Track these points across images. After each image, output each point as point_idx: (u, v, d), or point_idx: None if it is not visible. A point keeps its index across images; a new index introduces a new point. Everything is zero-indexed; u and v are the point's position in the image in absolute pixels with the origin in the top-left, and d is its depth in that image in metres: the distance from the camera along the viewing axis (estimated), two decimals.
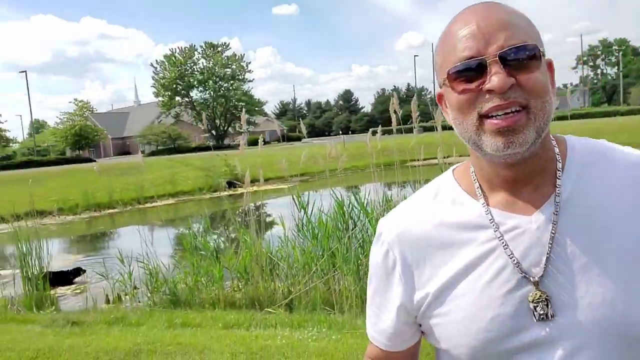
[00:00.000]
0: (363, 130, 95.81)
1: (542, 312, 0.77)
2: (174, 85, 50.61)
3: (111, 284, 6.48)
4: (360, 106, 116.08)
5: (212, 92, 51.28)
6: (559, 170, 0.83)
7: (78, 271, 7.66)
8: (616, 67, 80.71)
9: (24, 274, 6.70)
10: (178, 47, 52.25)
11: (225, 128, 53.04)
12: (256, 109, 51.36)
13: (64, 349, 3.77)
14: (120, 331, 4.29)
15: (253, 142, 53.81)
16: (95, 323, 4.57)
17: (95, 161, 38.47)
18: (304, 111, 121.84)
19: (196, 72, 51.65)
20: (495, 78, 0.75)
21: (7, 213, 18.16)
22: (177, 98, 52.15)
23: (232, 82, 51.27)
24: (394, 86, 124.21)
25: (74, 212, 18.99)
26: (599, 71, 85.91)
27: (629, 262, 0.77)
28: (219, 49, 52.40)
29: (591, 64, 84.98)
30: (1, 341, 4.00)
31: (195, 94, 53.03)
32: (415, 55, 64.41)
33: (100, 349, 3.74)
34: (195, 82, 51.11)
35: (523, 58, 0.77)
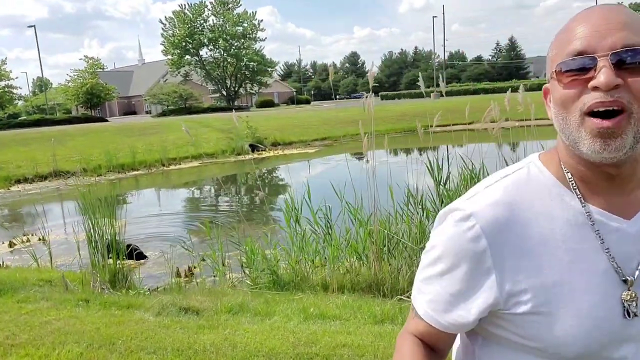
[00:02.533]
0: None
1: (635, 310, 0.80)
2: (184, 43, 48.92)
3: (196, 261, 5.84)
4: (366, 69, 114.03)
5: (222, 51, 49.64)
6: None
7: (140, 255, 6.92)
8: None
9: (91, 243, 5.94)
10: (187, 3, 50.35)
11: (236, 89, 51.67)
12: (269, 69, 49.89)
13: (209, 349, 3.12)
14: (252, 323, 3.64)
15: (263, 104, 53.06)
16: (216, 312, 3.92)
17: (107, 120, 37.43)
18: (309, 73, 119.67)
19: (206, 30, 49.86)
20: (602, 75, 0.74)
21: (31, 173, 17.58)
22: (187, 57, 50.50)
23: (243, 40, 49.53)
24: (401, 49, 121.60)
25: (97, 173, 18.25)
26: None
27: None
28: (230, 5, 50.51)
29: None
30: (125, 335, 3.34)
31: (205, 52, 51.40)
32: (434, 17, 62.18)
33: (255, 351, 3.08)
34: (206, 40, 49.36)
35: (637, 60, 0.75)
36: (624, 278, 0.81)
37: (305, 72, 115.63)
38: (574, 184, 0.84)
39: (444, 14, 63.21)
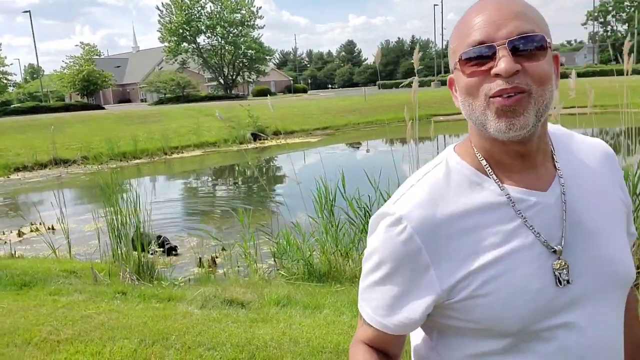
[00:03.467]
0: (365, 83, 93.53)
1: (566, 278, 0.85)
2: (181, 31, 48.13)
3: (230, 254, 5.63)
4: (363, 58, 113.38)
5: (220, 39, 48.92)
6: (554, 154, 0.93)
7: (171, 250, 6.61)
8: (627, 24, 78.36)
9: (114, 232, 5.68)
10: None
11: (234, 77, 51.02)
12: (267, 57, 49.25)
13: (270, 344, 2.94)
14: (304, 317, 3.47)
15: (260, 93, 52.04)
16: (262, 304, 3.75)
17: (104, 108, 36.91)
18: (305, 62, 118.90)
19: (204, 17, 49.04)
20: (502, 63, 0.80)
21: (31, 161, 17.26)
22: (184, 44, 49.69)
23: (241, 28, 48.80)
24: (398, 38, 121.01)
25: (99, 161, 17.93)
26: (608, 28, 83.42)
27: (616, 224, 0.93)
28: None
29: (601, 20, 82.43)
30: (176, 330, 3.16)
31: (202, 40, 50.63)
32: (435, 5, 61.78)
33: (320, 347, 2.91)
34: (203, 27, 48.56)
35: (530, 47, 0.82)
36: (552, 249, 0.85)
37: (301, 61, 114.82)
38: (490, 170, 0.89)
39: (442, 2, 62.81)
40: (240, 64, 49.94)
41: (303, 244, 5.08)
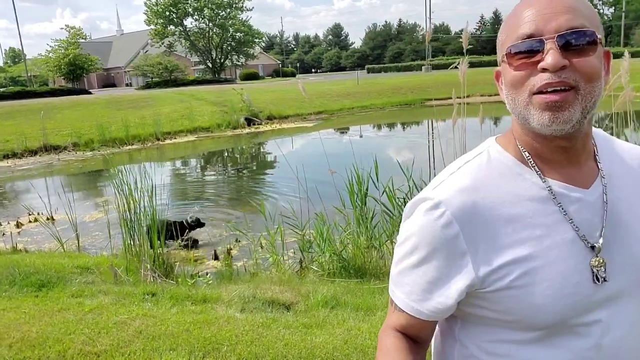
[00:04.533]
0: (353, 67, 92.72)
1: (603, 275, 0.84)
2: (167, 13, 46.94)
3: (251, 249, 5.31)
4: (350, 42, 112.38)
5: (208, 21, 47.83)
6: (597, 153, 0.92)
7: (198, 223, 6.26)
8: (613, 8, 78.63)
9: (126, 224, 5.31)
10: None
11: (222, 60, 50.04)
12: (256, 40, 48.29)
13: (336, 356, 2.65)
14: (358, 320, 3.18)
15: (248, 76, 50.90)
16: (308, 306, 3.45)
17: (91, 93, 35.97)
18: (292, 45, 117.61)
19: None
20: (550, 57, 0.79)
21: (20, 147, 16.66)
22: (171, 27, 48.50)
23: (229, 10, 47.74)
24: (385, 21, 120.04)
25: (90, 147, 17.38)
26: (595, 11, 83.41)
27: None
28: None
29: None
30: (224, 339, 2.84)
31: (190, 22, 49.48)
32: None
33: None
34: (190, 10, 47.41)
35: (581, 42, 0.80)
36: (590, 245, 0.85)
37: (288, 44, 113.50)
38: (532, 162, 0.88)
39: None
40: (229, 47, 48.98)
41: (328, 233, 4.80)
